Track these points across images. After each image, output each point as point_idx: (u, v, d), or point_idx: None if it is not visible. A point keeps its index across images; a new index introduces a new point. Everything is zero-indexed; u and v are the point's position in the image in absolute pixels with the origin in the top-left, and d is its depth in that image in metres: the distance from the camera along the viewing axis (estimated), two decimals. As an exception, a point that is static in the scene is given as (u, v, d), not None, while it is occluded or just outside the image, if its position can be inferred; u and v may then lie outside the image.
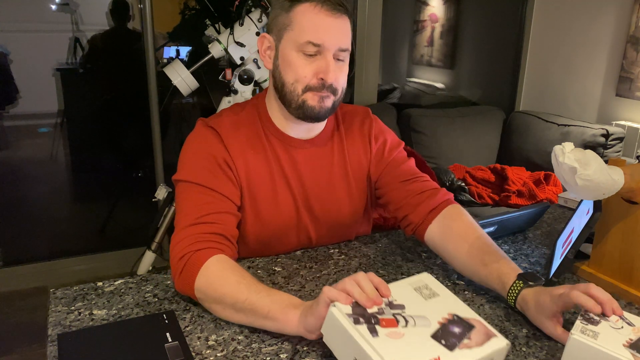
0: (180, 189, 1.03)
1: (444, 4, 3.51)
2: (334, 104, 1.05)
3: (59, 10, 2.62)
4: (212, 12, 2.19)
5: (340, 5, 0.99)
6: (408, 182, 1.13)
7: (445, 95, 3.60)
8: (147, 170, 2.78)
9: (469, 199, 2.57)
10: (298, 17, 0.98)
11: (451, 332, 0.69)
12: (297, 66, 1.00)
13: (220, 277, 0.88)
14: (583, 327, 0.75)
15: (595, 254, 1.07)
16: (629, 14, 2.66)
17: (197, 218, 0.96)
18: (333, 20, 0.98)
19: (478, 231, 1.02)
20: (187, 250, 0.92)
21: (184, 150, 1.07)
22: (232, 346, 0.81)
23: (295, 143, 1.10)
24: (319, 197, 1.14)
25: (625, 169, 0.92)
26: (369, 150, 1.18)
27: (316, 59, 1.00)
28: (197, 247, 0.92)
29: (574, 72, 3.00)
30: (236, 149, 1.06)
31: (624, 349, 0.71)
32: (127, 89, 2.87)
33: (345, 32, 1.01)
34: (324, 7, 0.97)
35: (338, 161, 1.15)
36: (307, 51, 0.99)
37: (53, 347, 0.80)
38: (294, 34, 0.99)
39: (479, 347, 0.68)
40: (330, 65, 0.99)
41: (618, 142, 2.60)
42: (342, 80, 1.04)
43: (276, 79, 1.05)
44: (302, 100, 1.02)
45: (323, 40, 0.98)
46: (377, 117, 1.23)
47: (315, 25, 0.98)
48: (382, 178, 1.17)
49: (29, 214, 2.78)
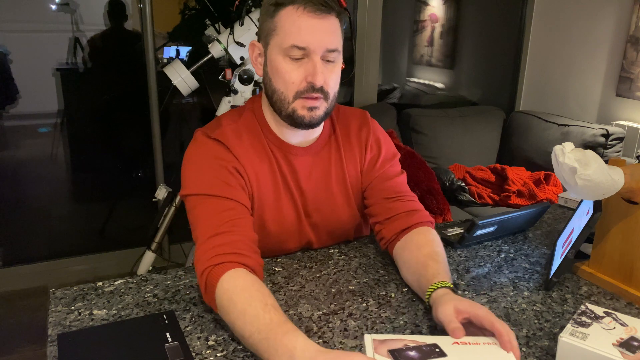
0: (191, 203, 0.99)
1: (444, 4, 3.51)
2: (327, 110, 1.02)
3: (59, 10, 2.62)
4: (212, 12, 2.19)
5: (324, 4, 0.95)
6: (391, 200, 1.12)
7: (445, 95, 3.60)
8: (147, 170, 2.78)
9: (469, 199, 2.57)
10: (282, 22, 0.96)
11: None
12: (285, 72, 0.98)
13: (231, 296, 0.83)
14: (573, 330, 0.76)
15: (595, 254, 1.07)
16: (629, 14, 2.66)
17: (215, 229, 0.92)
18: (317, 21, 0.95)
19: (437, 247, 1.01)
20: (207, 265, 0.88)
21: (188, 164, 1.03)
22: (232, 346, 0.81)
23: (294, 151, 1.09)
24: (317, 204, 1.13)
25: (625, 169, 0.92)
26: (363, 156, 1.16)
27: (303, 63, 0.97)
28: (215, 262, 0.88)
29: (574, 72, 3.00)
30: (244, 157, 1.04)
31: (614, 348, 0.72)
32: (127, 89, 2.87)
33: (331, 32, 0.97)
34: (307, 9, 0.94)
35: (335, 167, 1.14)
36: (293, 55, 0.97)
37: (53, 347, 0.80)
38: (279, 39, 0.97)
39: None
40: (317, 68, 0.96)
41: (618, 142, 2.60)
42: (334, 82, 1.01)
43: (267, 87, 1.04)
44: (292, 109, 1.00)
45: (308, 43, 0.95)
46: (375, 122, 1.21)
47: (299, 28, 0.95)
48: (369, 189, 1.16)
49: (29, 214, 2.78)
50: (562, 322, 0.90)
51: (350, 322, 0.88)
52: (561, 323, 0.90)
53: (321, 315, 0.90)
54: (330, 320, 0.89)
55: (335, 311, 0.91)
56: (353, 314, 0.91)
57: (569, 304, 0.97)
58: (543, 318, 0.91)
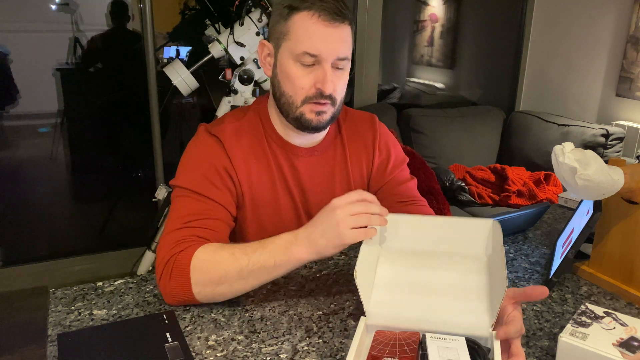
0: (175, 193, 1.02)
1: (444, 4, 3.51)
2: (333, 114, 1.03)
3: (59, 10, 2.62)
4: (212, 12, 2.19)
5: (338, 14, 0.95)
6: (405, 204, 1.13)
7: (445, 95, 3.60)
8: (147, 170, 2.78)
9: (469, 199, 2.57)
10: (295, 27, 0.96)
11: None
12: (295, 77, 0.98)
13: (213, 259, 0.88)
14: (573, 330, 0.76)
15: (595, 254, 1.07)
16: (629, 14, 2.66)
17: (184, 223, 0.95)
18: (331, 30, 0.95)
19: None
20: (171, 253, 0.90)
21: (185, 156, 1.06)
22: (232, 346, 0.81)
23: (297, 151, 1.09)
24: (320, 205, 1.13)
25: (625, 169, 0.92)
26: (371, 161, 1.16)
27: (314, 69, 0.98)
28: (180, 248, 0.90)
29: (574, 72, 3.00)
30: (239, 157, 1.05)
31: (613, 348, 0.72)
32: (127, 89, 2.87)
33: (343, 41, 0.98)
34: (322, 17, 0.94)
35: (340, 169, 1.14)
36: (304, 61, 0.97)
37: (53, 347, 0.80)
38: (291, 44, 0.97)
39: None
40: (327, 76, 0.97)
41: (618, 142, 2.60)
42: (341, 89, 1.02)
43: (275, 88, 1.04)
44: (300, 112, 1.01)
45: (320, 51, 0.95)
46: (383, 126, 1.21)
47: (312, 36, 0.95)
48: (380, 193, 1.16)
49: (29, 214, 2.78)
50: (562, 322, 0.90)
51: (350, 322, 0.88)
52: (561, 323, 0.90)
53: (321, 315, 0.90)
54: (330, 320, 0.89)
55: (335, 311, 0.91)
56: (353, 314, 0.91)
57: (569, 304, 0.97)
58: (543, 318, 0.91)
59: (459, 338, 0.72)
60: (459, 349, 0.70)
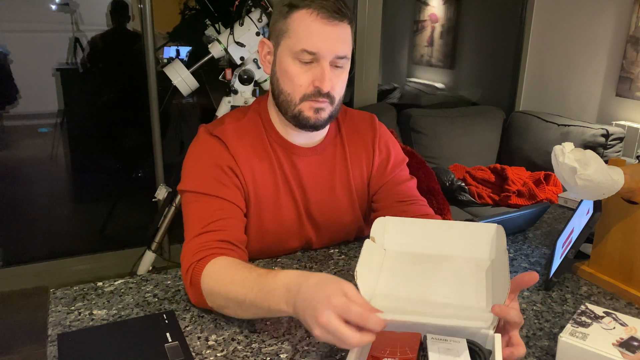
0: (186, 199, 1.02)
1: (444, 4, 3.51)
2: (332, 113, 1.03)
3: (59, 10, 2.62)
4: (212, 12, 2.19)
5: (337, 12, 0.95)
6: (405, 204, 1.13)
7: (445, 95, 3.60)
8: (147, 170, 2.78)
9: (469, 199, 2.57)
10: (294, 25, 0.97)
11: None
12: (293, 75, 0.98)
13: (217, 280, 0.86)
14: (573, 330, 0.76)
15: (595, 254, 1.07)
16: (629, 14, 2.66)
17: (202, 227, 0.95)
18: (330, 28, 0.96)
19: None
20: (192, 260, 0.91)
21: (188, 159, 1.05)
22: (232, 346, 0.81)
23: (298, 151, 1.09)
24: (320, 205, 1.13)
25: (625, 169, 0.92)
26: (371, 160, 1.16)
27: (312, 67, 0.98)
28: (200, 256, 0.91)
29: (574, 72, 3.00)
30: (242, 156, 1.05)
31: (613, 348, 0.72)
32: (127, 89, 2.87)
33: (343, 39, 0.98)
34: (320, 15, 0.95)
35: (340, 168, 1.14)
36: (303, 59, 0.97)
37: (53, 347, 0.80)
38: (290, 42, 0.98)
39: None
40: (326, 74, 0.97)
41: (618, 142, 2.60)
42: (340, 87, 1.02)
43: (274, 86, 1.04)
44: (299, 110, 1.01)
45: (318, 49, 0.96)
46: (383, 126, 1.21)
47: (311, 33, 0.95)
48: (380, 193, 1.17)
49: (29, 214, 2.78)
50: (562, 322, 0.90)
51: (350, 322, 0.88)
52: (561, 323, 0.90)
53: (321, 315, 0.90)
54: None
55: (335, 311, 0.91)
56: (353, 314, 0.91)
57: (568, 304, 0.97)
58: (543, 318, 0.92)
59: (460, 340, 0.72)
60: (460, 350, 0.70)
